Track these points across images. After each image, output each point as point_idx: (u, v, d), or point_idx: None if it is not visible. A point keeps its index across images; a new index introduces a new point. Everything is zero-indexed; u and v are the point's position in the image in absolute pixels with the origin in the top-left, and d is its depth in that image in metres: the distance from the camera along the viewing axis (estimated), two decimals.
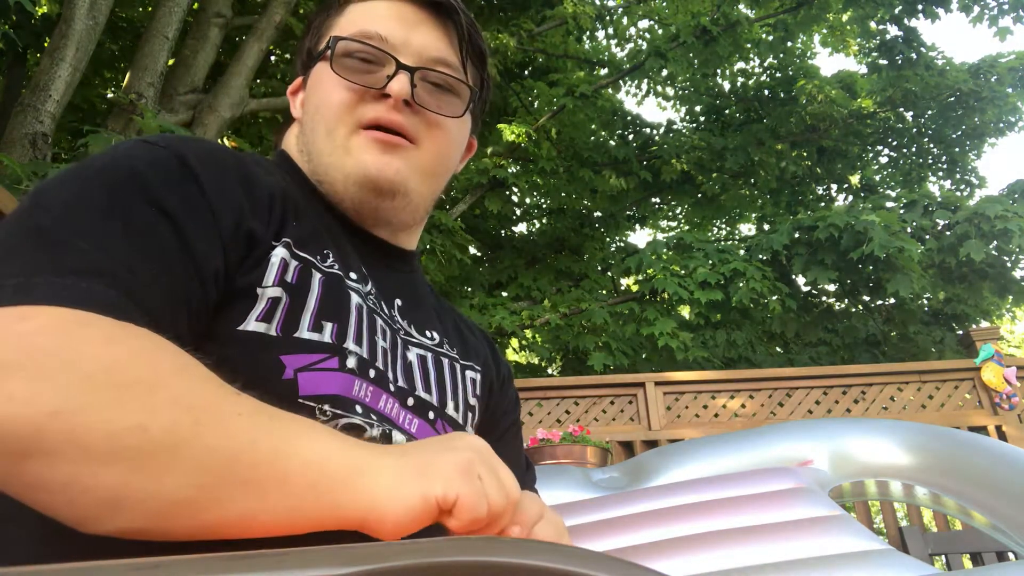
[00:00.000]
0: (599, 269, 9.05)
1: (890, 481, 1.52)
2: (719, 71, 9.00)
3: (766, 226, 9.66)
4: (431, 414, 0.72)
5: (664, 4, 8.77)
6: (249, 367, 0.56)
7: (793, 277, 6.87)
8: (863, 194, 9.56)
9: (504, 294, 7.94)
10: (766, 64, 9.36)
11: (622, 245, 9.75)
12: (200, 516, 0.44)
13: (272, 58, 7.16)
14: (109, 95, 6.67)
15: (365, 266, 0.75)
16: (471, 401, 0.80)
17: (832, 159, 9.18)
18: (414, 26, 0.76)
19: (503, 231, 9.17)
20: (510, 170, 7.20)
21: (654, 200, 9.78)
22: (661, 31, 8.68)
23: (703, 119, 9.67)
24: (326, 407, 0.60)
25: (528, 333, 6.73)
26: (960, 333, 5.72)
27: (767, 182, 9.06)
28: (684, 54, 7.42)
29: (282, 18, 5.29)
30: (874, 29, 8.15)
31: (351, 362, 0.63)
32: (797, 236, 6.51)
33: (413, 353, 0.75)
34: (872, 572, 1.12)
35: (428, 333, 0.79)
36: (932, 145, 9.13)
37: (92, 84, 6.33)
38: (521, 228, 9.79)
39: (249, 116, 5.76)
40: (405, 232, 0.81)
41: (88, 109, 6.21)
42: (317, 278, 0.65)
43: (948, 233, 6.42)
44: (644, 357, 6.72)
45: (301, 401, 0.58)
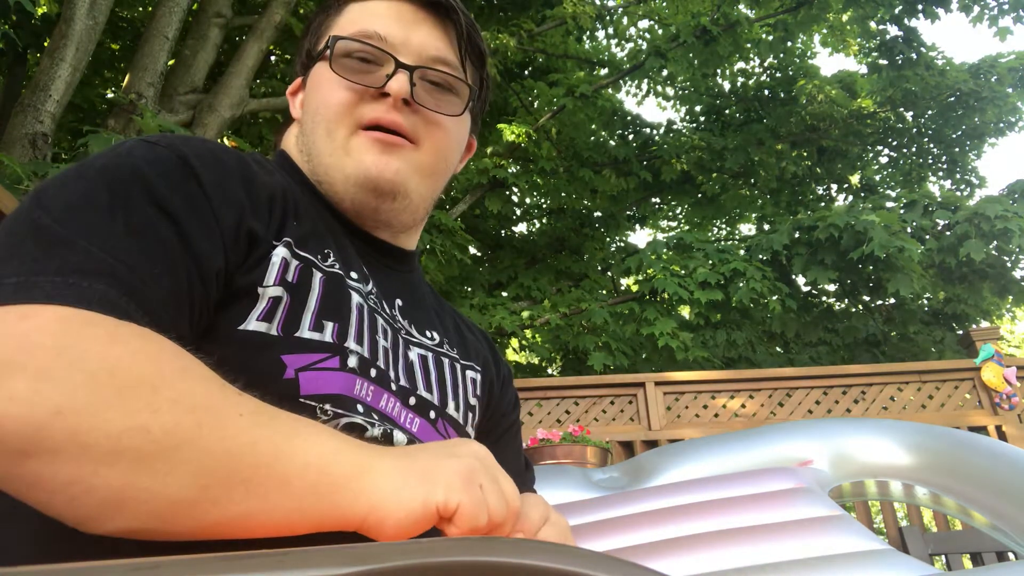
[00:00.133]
0: (599, 269, 9.05)
1: (890, 481, 1.52)
2: (719, 71, 9.00)
3: (766, 226, 9.65)
4: (432, 413, 0.72)
5: (664, 4, 8.76)
6: (250, 367, 0.56)
7: (793, 277, 6.87)
8: (863, 194, 9.56)
9: (504, 294, 7.93)
10: (766, 64, 9.36)
11: (622, 245, 9.74)
12: (201, 516, 0.44)
13: (272, 58, 7.16)
14: (109, 95, 6.67)
15: (365, 266, 0.74)
16: (471, 401, 0.80)
17: (832, 159, 9.17)
18: (413, 25, 0.76)
19: (503, 231, 9.16)
20: (510, 170, 7.19)
21: (654, 200, 9.78)
22: (661, 31, 8.68)
23: (703, 119, 9.67)
24: (327, 406, 0.60)
25: (528, 333, 6.73)
26: (960, 333, 5.72)
27: (767, 182, 9.06)
28: (684, 54, 7.42)
29: (282, 18, 5.30)
30: (874, 29, 8.15)
31: (352, 361, 0.63)
32: (797, 236, 6.51)
33: (414, 353, 0.74)
34: (872, 572, 1.12)
35: (428, 333, 0.79)
36: (932, 145, 9.13)
37: (92, 84, 6.33)
38: (521, 228, 9.80)
39: (249, 116, 5.75)
40: (405, 233, 0.81)
41: (88, 109, 6.21)
42: (318, 277, 0.65)
43: (948, 233, 6.42)
44: (644, 357, 6.72)
45: (302, 400, 0.58)
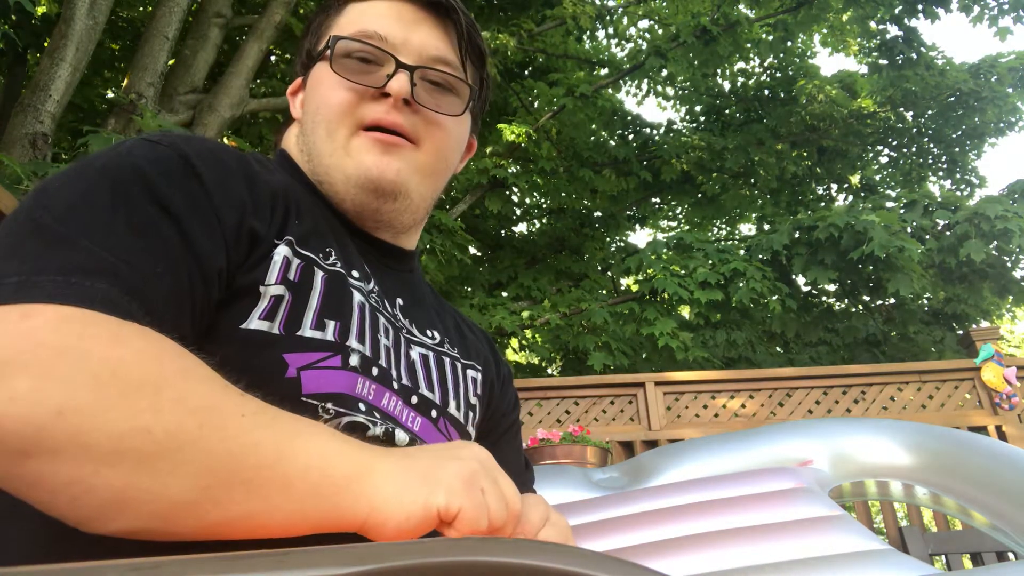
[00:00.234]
0: (599, 269, 9.05)
1: (890, 481, 1.52)
2: (719, 71, 9.00)
3: (766, 226, 9.65)
4: (434, 412, 0.72)
5: (664, 4, 8.76)
6: (252, 365, 0.55)
7: (793, 277, 6.86)
8: (863, 194, 9.56)
9: (504, 294, 7.93)
10: (766, 64, 9.36)
11: (622, 245, 9.74)
12: (202, 517, 0.44)
13: (272, 58, 7.16)
14: (109, 95, 6.67)
15: (367, 265, 0.75)
16: (472, 400, 0.80)
17: (832, 159, 9.17)
18: (413, 25, 0.76)
19: (503, 231, 9.16)
20: (510, 170, 7.19)
21: (654, 200, 9.78)
22: (661, 31, 8.68)
23: (703, 119, 9.66)
24: (329, 405, 0.60)
25: (528, 333, 6.72)
26: (960, 333, 5.72)
27: (767, 182, 9.05)
28: (684, 54, 7.42)
29: (282, 18, 5.30)
30: (874, 29, 8.14)
31: (354, 360, 0.63)
32: (797, 236, 6.51)
33: (415, 352, 0.74)
34: (872, 572, 1.12)
35: (429, 332, 0.79)
36: (932, 145, 9.13)
37: (92, 84, 6.33)
38: (521, 228, 9.80)
39: (249, 116, 5.75)
40: (405, 233, 0.81)
41: (88, 109, 6.21)
42: (319, 276, 0.65)
43: (948, 233, 6.41)
44: (644, 357, 6.72)
45: (304, 399, 0.58)
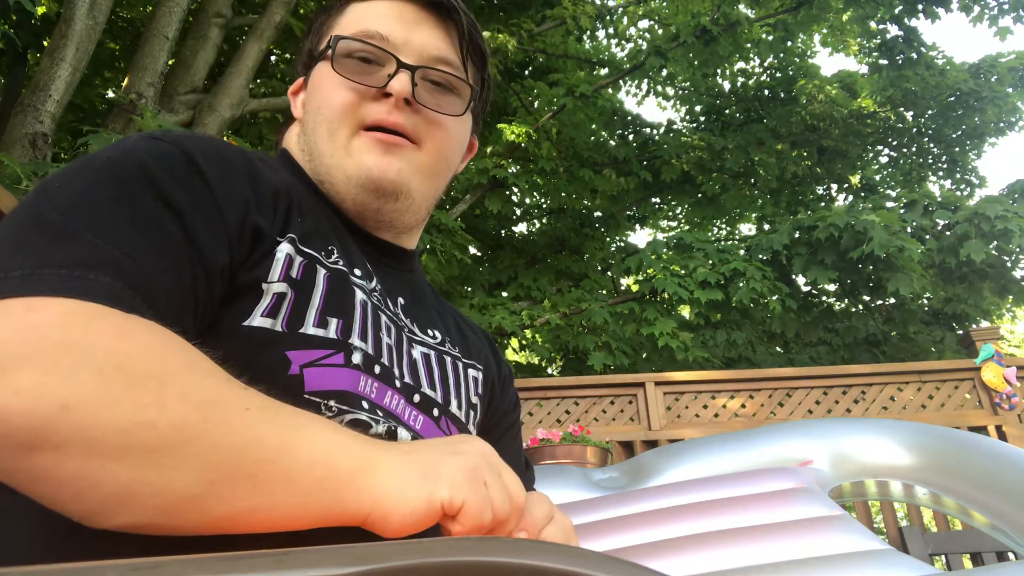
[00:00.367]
0: (599, 269, 9.05)
1: (890, 481, 1.52)
2: (719, 71, 9.00)
3: (766, 226, 9.65)
4: (435, 411, 0.73)
5: (664, 4, 8.76)
6: (255, 362, 0.56)
7: (793, 277, 6.86)
8: (863, 194, 9.56)
9: (504, 294, 7.93)
10: (766, 64, 9.36)
11: (622, 245, 9.74)
12: (206, 512, 0.44)
13: (272, 58, 7.16)
14: (109, 95, 6.67)
15: (368, 264, 0.75)
16: (473, 400, 0.80)
17: (832, 159, 9.17)
18: (415, 25, 0.76)
19: (503, 231, 9.16)
20: (510, 170, 7.19)
21: (654, 200, 9.78)
22: (661, 31, 8.68)
23: (703, 119, 9.67)
24: (332, 403, 0.60)
25: (528, 333, 6.72)
26: (960, 333, 5.72)
27: (767, 182, 9.05)
28: (684, 54, 7.42)
29: (282, 18, 5.30)
30: (874, 29, 8.14)
31: (356, 358, 0.63)
32: (797, 236, 6.51)
33: (417, 351, 0.75)
34: (872, 572, 1.12)
35: (430, 332, 0.79)
36: (932, 145, 9.13)
37: (92, 84, 6.33)
38: (521, 228, 9.80)
39: (249, 116, 5.76)
40: (407, 233, 0.81)
41: (88, 109, 6.21)
42: (322, 274, 0.65)
43: (948, 233, 6.41)
44: (644, 357, 6.72)
45: (307, 397, 0.58)
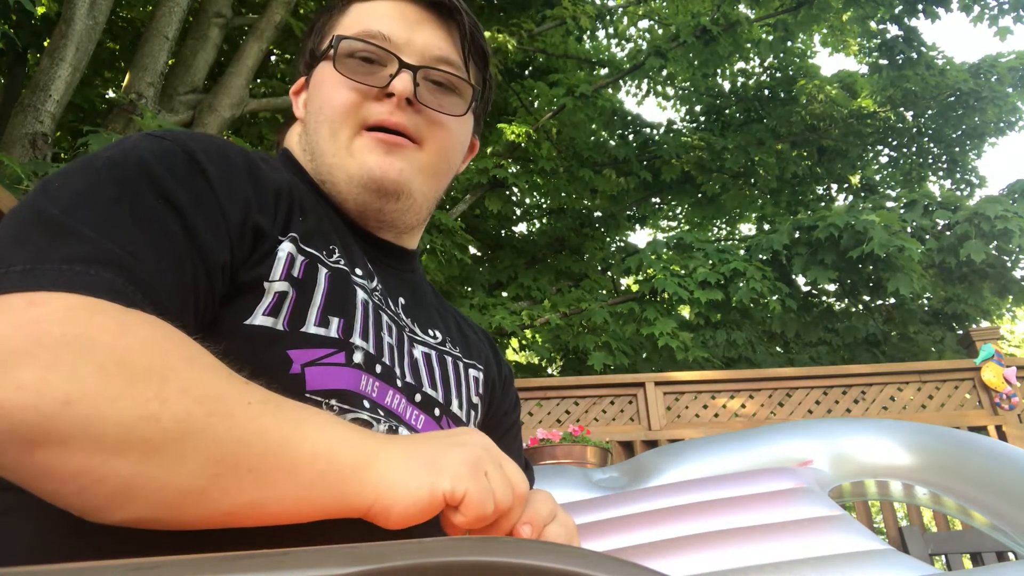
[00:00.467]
0: (599, 269, 9.05)
1: (890, 481, 1.52)
2: (719, 71, 9.00)
3: (766, 226, 9.65)
4: (437, 411, 0.73)
5: (664, 4, 8.76)
6: (256, 361, 0.56)
7: (793, 277, 6.86)
8: (863, 194, 9.56)
9: (504, 294, 7.93)
10: (766, 64, 9.36)
11: (622, 245, 9.74)
12: (210, 505, 0.44)
13: (272, 58, 7.16)
14: (109, 95, 6.67)
15: (369, 264, 0.75)
16: (474, 400, 0.81)
17: (832, 159, 9.17)
18: (417, 25, 0.76)
19: (503, 231, 9.16)
20: (510, 170, 7.19)
21: (654, 200, 9.78)
22: (661, 31, 8.68)
23: (703, 119, 9.67)
24: (333, 402, 0.60)
25: (528, 333, 6.72)
26: (960, 333, 5.72)
27: (767, 182, 9.06)
28: (684, 54, 7.42)
29: (282, 18, 5.30)
30: (874, 29, 8.14)
31: (357, 357, 0.64)
32: (797, 236, 6.51)
33: (418, 350, 0.75)
34: (872, 572, 1.12)
35: (431, 332, 0.80)
36: (932, 145, 9.13)
37: (92, 84, 6.33)
38: (521, 228, 9.80)
39: (249, 116, 5.76)
40: (408, 233, 0.81)
41: (88, 109, 6.22)
42: (323, 273, 0.65)
43: (948, 233, 6.41)
44: (644, 357, 6.72)
45: (308, 396, 0.59)
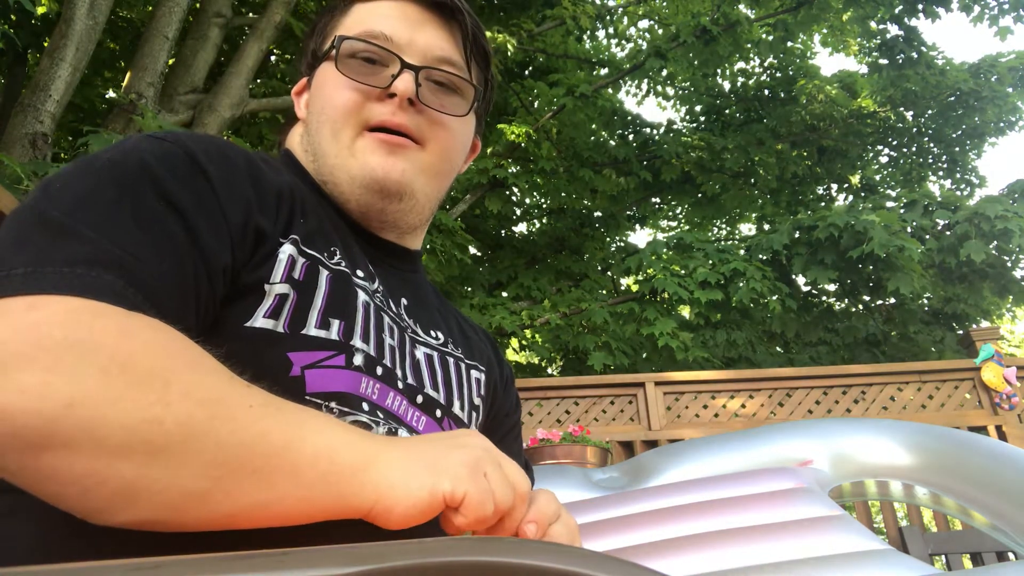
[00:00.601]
0: (599, 269, 9.05)
1: (890, 481, 1.53)
2: (719, 71, 8.99)
3: (766, 226, 9.65)
4: (438, 412, 0.73)
5: (664, 4, 8.76)
6: (256, 364, 0.56)
7: (793, 277, 6.86)
8: (863, 194, 9.56)
9: (504, 294, 7.93)
10: (766, 64, 9.36)
11: (622, 245, 9.74)
12: (212, 507, 0.45)
13: (272, 58, 7.16)
14: (109, 95, 6.67)
15: (371, 265, 0.75)
16: (476, 401, 0.81)
17: (832, 159, 9.17)
18: (419, 26, 0.76)
19: (503, 231, 9.16)
20: (510, 170, 7.19)
21: (654, 200, 9.78)
22: (661, 31, 8.68)
23: (703, 119, 9.66)
24: (332, 404, 0.60)
25: (528, 333, 6.72)
26: (960, 333, 5.72)
27: (767, 182, 9.05)
28: (684, 54, 7.42)
29: (282, 18, 5.30)
30: (874, 29, 8.14)
31: (358, 359, 0.64)
32: (797, 236, 6.50)
33: (420, 351, 0.75)
34: (872, 572, 1.12)
35: (433, 333, 0.80)
36: (932, 145, 9.13)
37: (92, 84, 6.33)
38: (521, 228, 9.80)
39: (249, 116, 5.75)
40: (410, 233, 0.81)
41: (88, 109, 6.22)
42: (324, 275, 0.65)
43: (948, 233, 6.41)
44: (644, 357, 6.72)
45: (308, 398, 0.59)
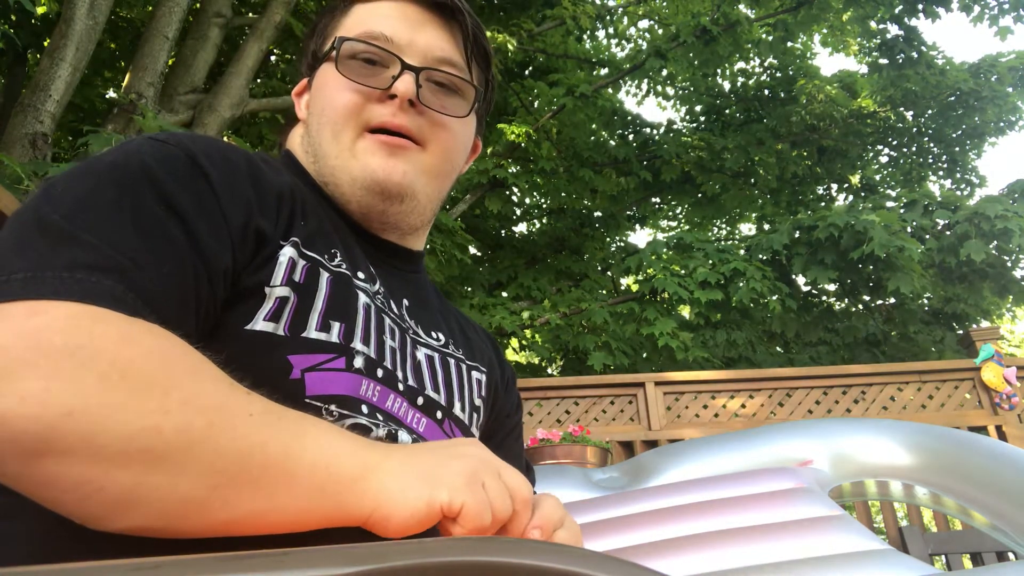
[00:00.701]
0: (599, 269, 9.04)
1: (890, 481, 1.52)
2: (719, 71, 8.99)
3: (766, 226, 9.65)
4: (439, 414, 0.73)
5: (664, 4, 8.76)
6: (256, 367, 0.56)
7: (793, 277, 6.86)
8: (863, 194, 9.56)
9: (504, 294, 7.93)
10: (766, 64, 9.36)
11: (622, 245, 9.74)
12: (210, 515, 0.45)
13: (272, 58, 7.16)
14: (109, 95, 6.67)
15: (372, 266, 0.75)
16: (477, 402, 0.80)
17: (832, 159, 9.17)
18: (419, 26, 0.76)
19: (503, 231, 9.16)
20: (510, 170, 7.19)
21: (654, 200, 9.78)
22: (661, 31, 8.68)
23: (703, 119, 9.66)
24: (332, 407, 0.60)
25: (528, 333, 6.72)
26: (960, 333, 5.72)
27: (767, 182, 9.05)
28: (684, 54, 7.42)
29: (282, 18, 5.29)
30: (874, 28, 8.14)
31: (358, 362, 0.64)
32: (797, 236, 6.50)
33: (421, 353, 0.75)
34: (872, 572, 1.12)
35: (434, 334, 0.79)
36: (932, 145, 9.13)
37: (92, 84, 6.33)
38: (521, 228, 9.80)
39: (249, 116, 5.75)
40: (412, 234, 0.81)
41: (88, 109, 6.21)
42: (325, 277, 0.65)
43: (948, 233, 6.41)
44: (644, 357, 6.71)
45: (308, 401, 0.58)
